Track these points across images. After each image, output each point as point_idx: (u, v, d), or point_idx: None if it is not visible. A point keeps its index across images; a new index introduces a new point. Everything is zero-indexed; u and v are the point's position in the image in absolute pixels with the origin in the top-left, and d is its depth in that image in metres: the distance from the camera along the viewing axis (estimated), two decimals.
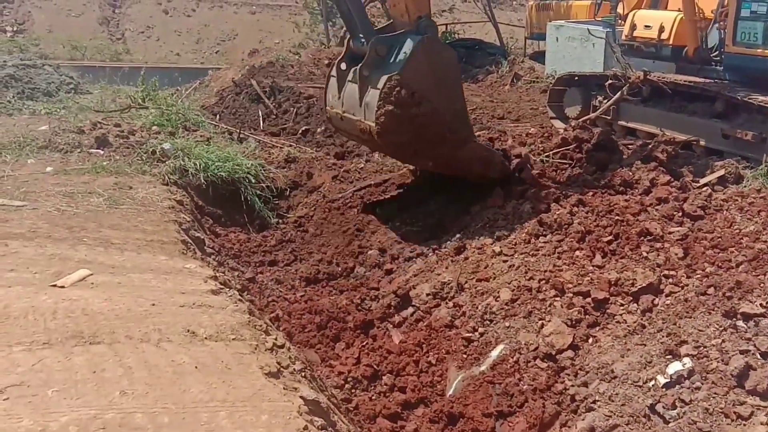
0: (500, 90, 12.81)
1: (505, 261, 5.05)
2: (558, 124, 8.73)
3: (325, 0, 18.90)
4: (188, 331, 3.26)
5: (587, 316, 4.22)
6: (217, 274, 4.56)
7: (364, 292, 5.45)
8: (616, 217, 4.94)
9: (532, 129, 8.04)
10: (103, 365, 2.83)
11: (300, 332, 4.89)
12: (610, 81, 7.22)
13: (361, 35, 5.73)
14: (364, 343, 4.79)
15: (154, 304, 3.63)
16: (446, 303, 4.92)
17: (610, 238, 4.75)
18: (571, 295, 4.38)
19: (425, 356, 4.49)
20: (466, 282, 5.02)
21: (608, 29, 10.48)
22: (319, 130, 9.89)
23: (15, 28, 23.04)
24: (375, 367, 4.44)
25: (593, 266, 4.54)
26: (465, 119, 6.06)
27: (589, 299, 4.28)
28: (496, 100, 11.42)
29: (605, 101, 7.81)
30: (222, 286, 4.33)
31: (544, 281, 4.57)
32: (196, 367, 2.91)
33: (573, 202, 5.26)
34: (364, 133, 5.81)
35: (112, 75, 11.50)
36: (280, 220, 7.11)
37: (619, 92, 7.15)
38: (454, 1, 24.08)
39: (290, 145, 8.96)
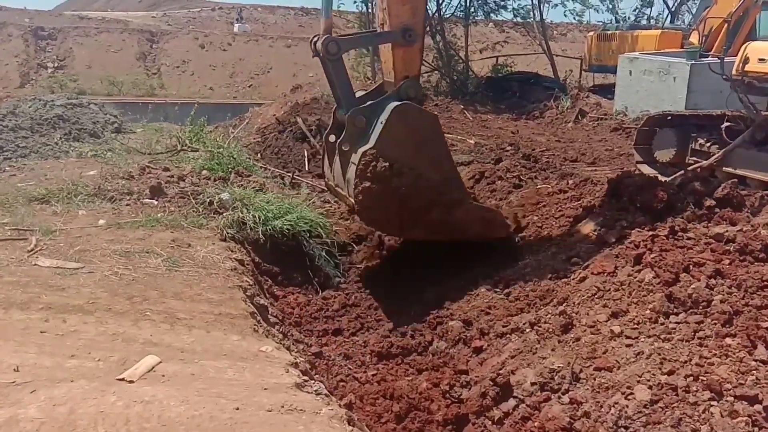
0: (563, 128, 11.93)
1: (629, 345, 4.23)
2: (646, 169, 7.83)
3: None
4: None
5: (756, 429, 3.40)
6: (297, 360, 3.87)
7: (450, 375, 4.66)
8: None
9: (611, 174, 7.32)
10: None
11: (376, 422, 4.13)
12: (727, 123, 6.34)
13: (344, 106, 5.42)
14: None
15: (238, 408, 2.95)
16: (559, 397, 4.08)
17: None
18: (731, 398, 3.57)
19: None
20: (581, 370, 4.21)
21: (692, 61, 9.60)
22: None
23: (56, 64, 23.27)
24: None
25: (756, 361, 3.72)
26: (456, 180, 5.78)
27: (758, 406, 3.46)
28: (563, 139, 10.53)
29: (708, 144, 6.95)
30: (305, 378, 3.64)
31: (691, 378, 3.75)
32: None
33: (709, 273, 4.43)
34: (351, 210, 5.52)
35: (156, 111, 11.12)
36: (342, 280, 6.41)
37: (743, 135, 6.25)
38: (507, 34, 23.73)
39: None
